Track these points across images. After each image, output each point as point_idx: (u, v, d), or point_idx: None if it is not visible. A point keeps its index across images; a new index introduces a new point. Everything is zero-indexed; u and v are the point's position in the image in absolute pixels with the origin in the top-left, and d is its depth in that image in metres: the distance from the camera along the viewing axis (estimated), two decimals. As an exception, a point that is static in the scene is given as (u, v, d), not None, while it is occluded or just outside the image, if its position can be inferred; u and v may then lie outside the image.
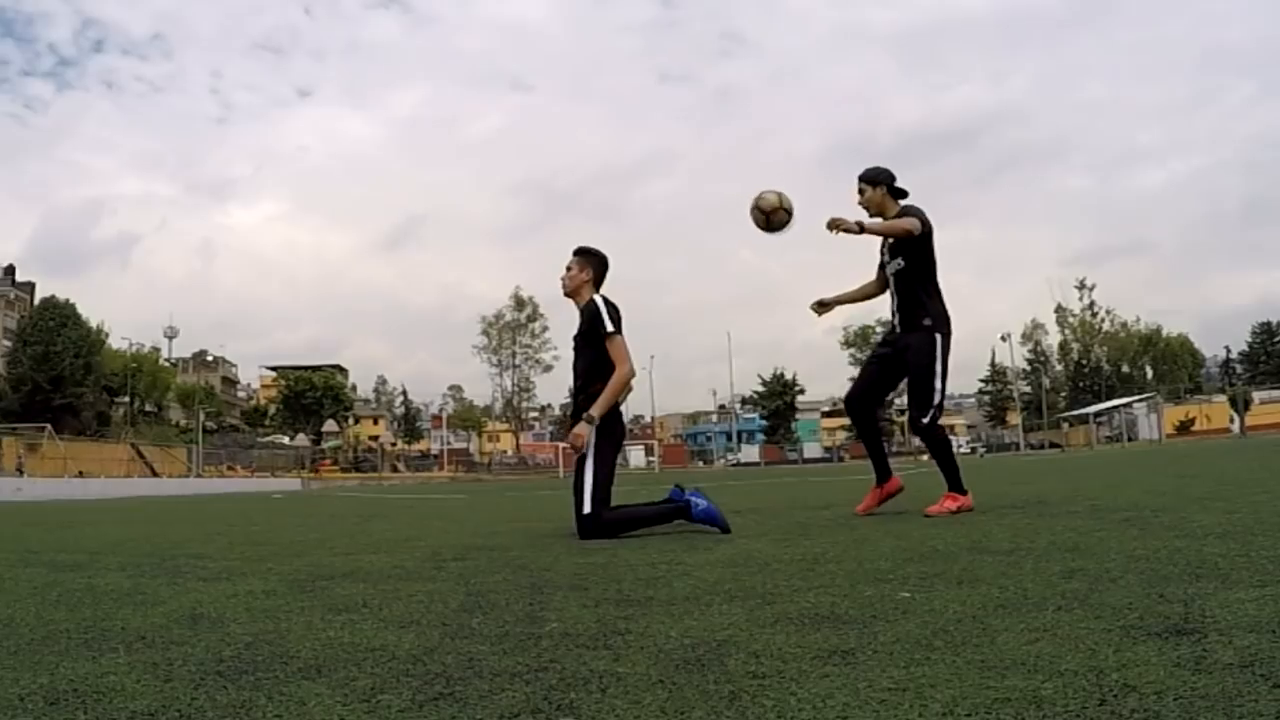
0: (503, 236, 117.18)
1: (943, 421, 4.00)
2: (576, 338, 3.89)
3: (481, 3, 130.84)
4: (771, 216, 3.90)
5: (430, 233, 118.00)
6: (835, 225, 3.76)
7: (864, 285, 4.33)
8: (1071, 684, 1.12)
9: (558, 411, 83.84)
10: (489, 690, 1.24)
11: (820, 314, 4.47)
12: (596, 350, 3.76)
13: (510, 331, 69.57)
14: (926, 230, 3.94)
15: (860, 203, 4.09)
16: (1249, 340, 67.71)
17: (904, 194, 4.09)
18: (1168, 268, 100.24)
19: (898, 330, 4.10)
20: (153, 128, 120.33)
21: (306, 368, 69.11)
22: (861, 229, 3.79)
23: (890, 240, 4.05)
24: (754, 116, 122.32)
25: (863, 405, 4.23)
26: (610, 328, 3.73)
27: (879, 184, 4.08)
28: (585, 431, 3.65)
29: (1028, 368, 67.02)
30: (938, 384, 3.91)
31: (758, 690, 1.18)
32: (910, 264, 3.98)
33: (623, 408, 3.95)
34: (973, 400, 74.67)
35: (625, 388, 3.75)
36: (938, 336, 3.94)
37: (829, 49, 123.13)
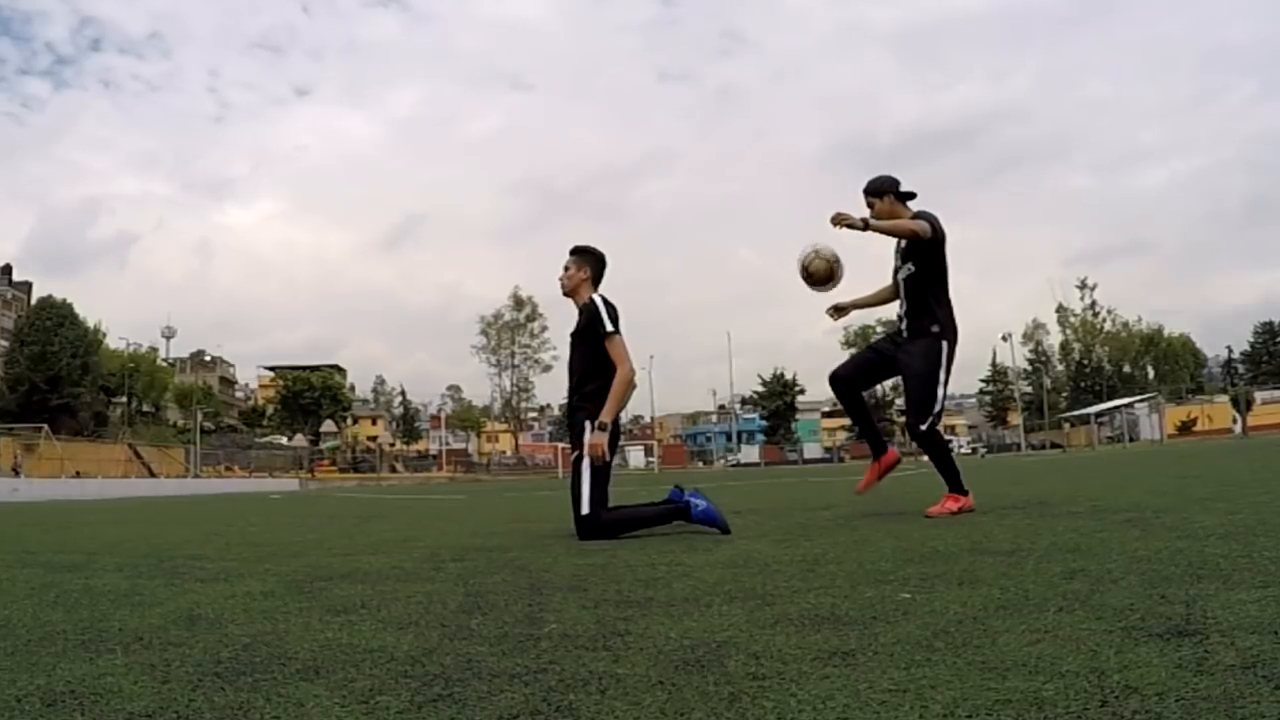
0: (502, 236, 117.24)
1: (942, 424, 3.99)
2: (573, 335, 3.88)
3: (480, 1, 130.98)
4: (835, 272, 4.01)
5: (429, 232, 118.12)
6: (839, 220, 3.74)
7: (880, 290, 4.30)
8: (1073, 685, 1.12)
9: (557, 412, 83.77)
10: (488, 692, 1.24)
11: (836, 319, 4.46)
12: (593, 348, 3.75)
13: (509, 331, 69.60)
14: (938, 236, 3.91)
15: (872, 216, 4.07)
16: (1251, 340, 67.27)
17: (912, 196, 4.08)
18: (1169, 267, 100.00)
19: (905, 336, 4.06)
20: (150, 127, 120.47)
21: (305, 368, 69.08)
22: (866, 225, 3.78)
23: (902, 244, 4.03)
24: (754, 116, 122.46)
25: (848, 386, 4.21)
26: (609, 327, 3.72)
27: (885, 193, 4.04)
28: (602, 440, 3.62)
29: (1029, 368, 66.91)
30: (940, 391, 3.89)
31: (758, 692, 1.18)
32: (920, 269, 3.96)
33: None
34: (973, 400, 74.48)
35: (628, 388, 3.73)
36: (944, 344, 3.92)
37: (829, 48, 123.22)
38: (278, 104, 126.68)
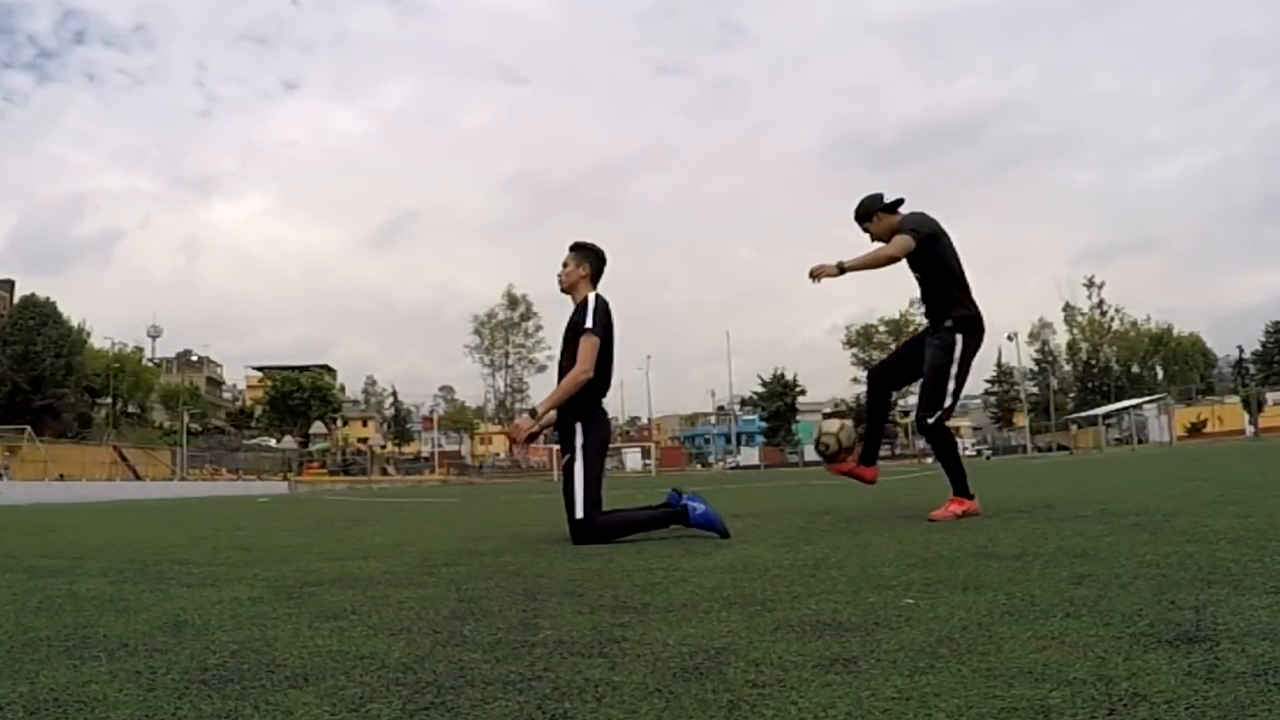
0: (495, 233, 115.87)
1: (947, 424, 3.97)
2: (566, 332, 3.86)
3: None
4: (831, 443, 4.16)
5: (421, 229, 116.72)
6: (816, 275, 3.80)
7: None
8: (1080, 693, 1.11)
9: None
10: (481, 699, 1.22)
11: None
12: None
13: (503, 331, 69.60)
14: (922, 242, 3.83)
15: (870, 239, 4.04)
16: (1262, 340, 65.74)
17: (900, 203, 4.05)
18: (1179, 265, 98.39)
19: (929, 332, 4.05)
20: (135, 121, 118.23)
21: (294, 368, 68.54)
22: (842, 269, 3.78)
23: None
24: (753, 109, 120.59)
25: (883, 382, 4.22)
26: (589, 323, 3.69)
27: (873, 214, 4.04)
28: (523, 422, 3.67)
29: (1035, 368, 66.46)
30: (950, 385, 3.86)
31: (757, 699, 1.16)
32: (925, 273, 3.96)
33: (619, 408, 3.91)
34: (979, 401, 73.96)
35: (577, 388, 3.69)
36: (957, 337, 3.89)
37: (830, 40, 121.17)
38: (266, 98, 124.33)
